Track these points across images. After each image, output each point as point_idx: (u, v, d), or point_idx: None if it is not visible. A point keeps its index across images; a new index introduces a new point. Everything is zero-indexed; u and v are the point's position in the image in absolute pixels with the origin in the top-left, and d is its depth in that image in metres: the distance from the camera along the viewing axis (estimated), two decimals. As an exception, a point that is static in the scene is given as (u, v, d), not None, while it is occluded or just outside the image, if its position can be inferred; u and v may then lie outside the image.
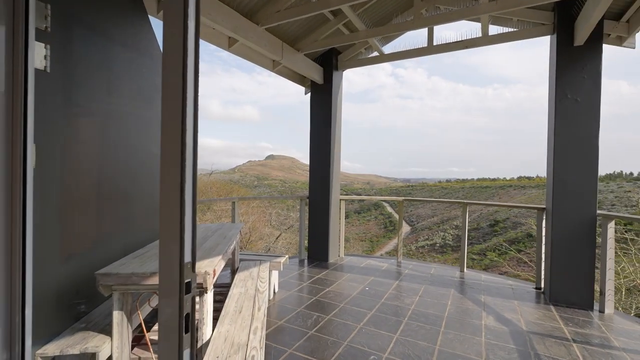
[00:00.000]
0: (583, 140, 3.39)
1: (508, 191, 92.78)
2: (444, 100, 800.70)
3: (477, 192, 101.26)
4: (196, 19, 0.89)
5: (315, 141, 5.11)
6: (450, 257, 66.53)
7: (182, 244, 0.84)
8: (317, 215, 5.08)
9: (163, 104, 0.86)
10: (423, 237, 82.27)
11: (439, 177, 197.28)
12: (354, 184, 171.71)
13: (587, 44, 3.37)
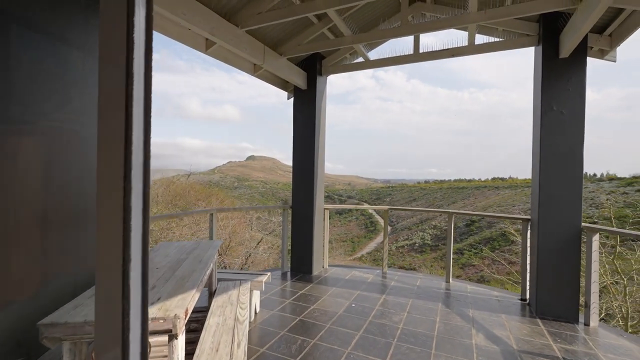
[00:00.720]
0: (568, 153, 3.39)
1: (483, 192, 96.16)
2: (422, 103, 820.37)
3: (455, 192, 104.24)
4: (147, 6, 0.66)
5: (298, 149, 4.91)
6: (429, 256, 68.05)
7: (126, 308, 0.60)
8: (300, 225, 4.88)
9: (99, 115, 0.61)
10: (403, 237, 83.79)
11: (418, 178, 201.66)
12: (335, 184, 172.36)
13: (572, 56, 3.37)
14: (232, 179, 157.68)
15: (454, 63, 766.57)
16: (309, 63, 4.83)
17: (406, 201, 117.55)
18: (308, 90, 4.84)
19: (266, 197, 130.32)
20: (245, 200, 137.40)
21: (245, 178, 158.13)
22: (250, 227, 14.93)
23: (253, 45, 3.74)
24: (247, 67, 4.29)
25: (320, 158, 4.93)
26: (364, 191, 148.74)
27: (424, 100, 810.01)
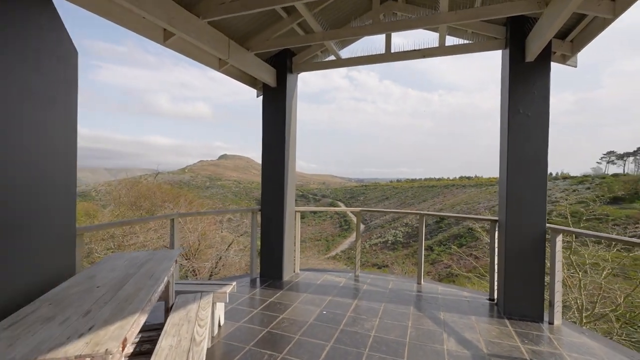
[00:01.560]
0: (533, 156, 3.45)
1: (451, 190, 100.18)
2: (394, 103, 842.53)
3: (425, 191, 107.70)
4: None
5: (267, 149, 4.69)
6: (401, 253, 69.80)
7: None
8: (270, 229, 4.67)
9: None
10: (376, 235, 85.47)
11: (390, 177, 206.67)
12: (309, 184, 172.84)
13: (538, 60, 3.44)
14: (204, 179, 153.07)
15: (424, 65, 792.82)
16: (278, 60, 4.62)
17: (379, 199, 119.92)
18: (278, 88, 4.63)
19: (239, 197, 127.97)
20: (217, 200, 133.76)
21: (217, 177, 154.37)
22: (221, 229, 14.41)
23: (216, 38, 3.48)
24: (212, 61, 4.02)
25: (290, 158, 4.74)
26: (338, 190, 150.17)
27: (396, 101, 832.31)
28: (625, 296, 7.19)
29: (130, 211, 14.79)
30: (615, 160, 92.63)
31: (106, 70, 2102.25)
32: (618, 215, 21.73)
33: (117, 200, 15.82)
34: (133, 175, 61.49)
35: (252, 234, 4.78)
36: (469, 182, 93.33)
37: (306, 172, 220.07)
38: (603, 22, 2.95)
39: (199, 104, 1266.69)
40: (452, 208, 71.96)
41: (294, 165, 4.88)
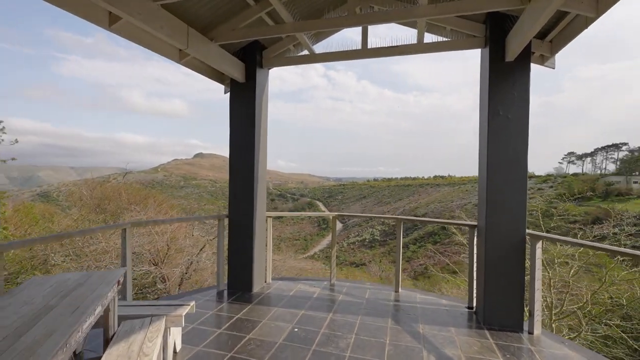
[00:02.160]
0: (513, 159, 3.32)
1: (426, 189, 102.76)
2: (371, 103, 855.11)
3: (401, 190, 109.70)
4: None
5: (235, 151, 4.32)
6: (378, 251, 70.64)
7: None
8: (238, 237, 4.30)
9: None
10: (354, 233, 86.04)
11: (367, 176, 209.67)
12: (288, 183, 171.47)
13: (518, 60, 3.30)
14: (178, 178, 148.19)
15: (399, 66, 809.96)
16: (247, 53, 4.25)
17: (357, 199, 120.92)
18: (247, 83, 4.27)
19: (216, 197, 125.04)
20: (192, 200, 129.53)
21: (192, 177, 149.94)
22: (192, 232, 13.72)
23: (172, 24, 3.07)
24: (171, 52, 3.59)
25: (261, 161, 4.39)
26: (316, 189, 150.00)
27: (373, 101, 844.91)
28: (591, 293, 7.41)
29: (93, 214, 13.75)
30: (575, 160, 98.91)
31: (72, 63, 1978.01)
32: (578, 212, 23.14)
33: (78, 202, 14.69)
34: (102, 175, 58.33)
35: (218, 243, 4.38)
36: (443, 181, 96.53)
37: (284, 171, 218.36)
38: (585, 22, 2.84)
39: (174, 100, 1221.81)
40: (427, 206, 73.96)
41: (265, 167, 4.54)
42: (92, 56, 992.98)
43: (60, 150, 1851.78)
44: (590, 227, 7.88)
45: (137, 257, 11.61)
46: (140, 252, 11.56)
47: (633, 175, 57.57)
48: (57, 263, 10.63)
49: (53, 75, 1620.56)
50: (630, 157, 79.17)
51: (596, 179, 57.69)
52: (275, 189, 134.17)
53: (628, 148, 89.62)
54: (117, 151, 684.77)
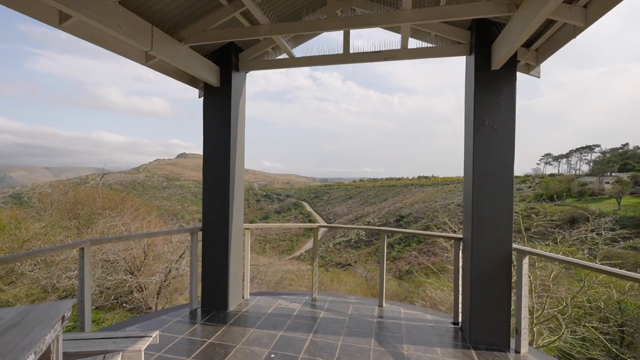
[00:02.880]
0: (499, 172, 3.20)
1: (410, 189, 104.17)
2: (357, 104, 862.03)
3: (386, 190, 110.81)
4: None
5: (210, 159, 4.04)
6: (364, 251, 70.82)
7: None
8: (212, 251, 4.02)
9: None
10: (340, 233, 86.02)
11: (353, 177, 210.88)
12: (273, 183, 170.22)
13: (504, 68, 3.19)
14: (161, 178, 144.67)
15: (384, 67, 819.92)
16: (222, 55, 3.98)
17: (343, 199, 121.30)
18: (221, 87, 3.99)
19: (199, 198, 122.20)
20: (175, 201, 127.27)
21: (175, 177, 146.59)
22: (171, 237, 13.17)
23: (133, 23, 2.78)
24: (136, 54, 3.29)
25: (238, 169, 4.13)
26: (302, 190, 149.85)
27: (358, 102, 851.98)
28: (571, 297, 7.50)
29: (66, 220, 13.00)
30: (552, 161, 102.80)
31: (46, 59, 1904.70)
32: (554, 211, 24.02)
33: (48, 207, 13.88)
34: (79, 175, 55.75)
35: (191, 258, 4.09)
36: (427, 181, 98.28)
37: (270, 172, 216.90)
38: (572, 31, 2.74)
39: (154, 98, 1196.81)
40: (411, 206, 75.02)
41: (242, 176, 4.28)
42: (68, 51, 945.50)
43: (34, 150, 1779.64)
44: (569, 231, 7.99)
45: (112, 265, 11.06)
46: (115, 259, 11.01)
47: (605, 176, 60.28)
48: (25, 272, 9.96)
49: (26, 72, 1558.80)
50: (602, 159, 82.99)
51: (571, 180, 60.08)
52: (261, 190, 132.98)
53: (600, 150, 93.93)
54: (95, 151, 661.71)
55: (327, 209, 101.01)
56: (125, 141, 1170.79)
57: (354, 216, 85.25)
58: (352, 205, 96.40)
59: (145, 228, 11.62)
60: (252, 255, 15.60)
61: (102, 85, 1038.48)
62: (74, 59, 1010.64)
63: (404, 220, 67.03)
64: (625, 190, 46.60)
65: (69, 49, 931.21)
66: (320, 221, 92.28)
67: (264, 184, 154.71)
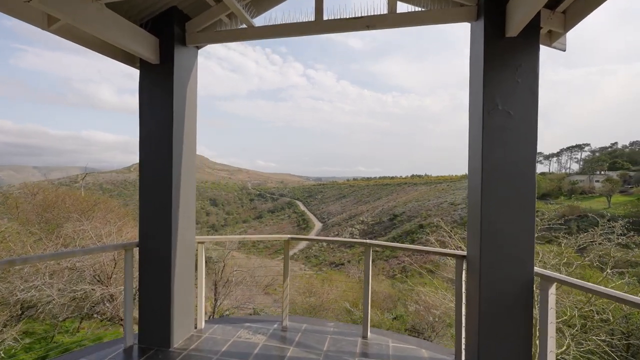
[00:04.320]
0: (518, 170, 2.43)
1: (404, 188, 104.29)
2: (351, 103, 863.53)
3: (380, 189, 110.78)
4: None
5: (147, 155, 3.19)
6: (357, 251, 70.27)
7: None
8: (152, 272, 3.18)
9: None
10: (333, 233, 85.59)
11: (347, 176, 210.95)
12: (267, 182, 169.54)
13: (522, 36, 2.41)
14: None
15: (378, 66, 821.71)
16: (162, 24, 3.13)
17: (336, 198, 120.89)
18: (162, 65, 3.14)
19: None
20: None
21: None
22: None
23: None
24: (34, 15, 2.43)
25: (185, 167, 3.29)
26: (296, 189, 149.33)
27: (353, 101, 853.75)
28: (578, 309, 6.81)
29: (36, 227, 11.90)
30: (543, 160, 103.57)
31: (34, 56, 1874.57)
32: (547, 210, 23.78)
33: (13, 210, 12.80)
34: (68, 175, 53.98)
35: (125, 282, 3.22)
36: (420, 180, 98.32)
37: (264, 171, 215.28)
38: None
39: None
40: (404, 205, 74.73)
41: (192, 176, 3.44)
42: (55, 48, 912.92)
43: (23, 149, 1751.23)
44: (576, 236, 7.32)
45: (79, 275, 10.14)
46: (81, 267, 10.08)
47: (595, 175, 60.68)
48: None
49: (12, 69, 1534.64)
50: (592, 158, 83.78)
51: (562, 178, 60.29)
52: (255, 189, 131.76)
53: (590, 149, 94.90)
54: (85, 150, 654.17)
55: (320, 208, 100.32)
56: (117, 140, 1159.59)
57: (347, 215, 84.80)
58: (346, 204, 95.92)
59: (115, 233, 10.66)
60: (242, 256, 14.60)
61: (92, 82, 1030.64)
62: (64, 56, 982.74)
63: (398, 219, 66.65)
64: (615, 189, 46.92)
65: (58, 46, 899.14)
66: (313, 220, 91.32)
67: (257, 183, 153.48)
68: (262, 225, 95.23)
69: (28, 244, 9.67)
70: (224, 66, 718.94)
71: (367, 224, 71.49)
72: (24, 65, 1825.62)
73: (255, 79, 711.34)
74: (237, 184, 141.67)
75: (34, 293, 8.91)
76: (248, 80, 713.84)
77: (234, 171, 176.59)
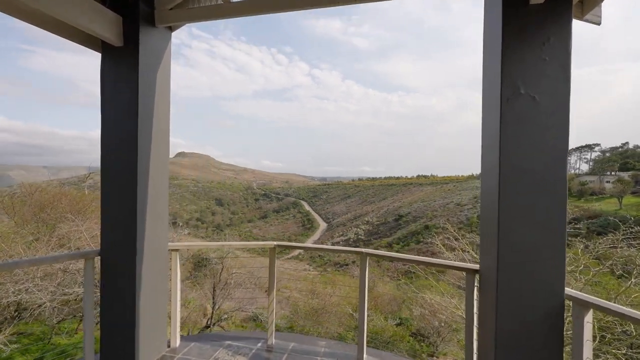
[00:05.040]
0: (546, 169, 1.97)
1: (409, 188, 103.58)
2: (356, 103, 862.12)
3: (385, 189, 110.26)
4: None
5: (109, 151, 2.79)
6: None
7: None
8: (115, 284, 2.78)
9: None
10: (338, 233, 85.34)
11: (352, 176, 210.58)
12: (272, 182, 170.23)
13: (550, 3, 1.95)
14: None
15: (383, 65, 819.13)
16: (127, 1, 2.73)
17: (341, 198, 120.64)
18: (126, 48, 2.74)
19: (198, 197, 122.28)
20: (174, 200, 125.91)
21: (174, 177, 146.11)
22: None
23: None
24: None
25: (155, 167, 2.88)
26: (301, 189, 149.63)
27: (357, 101, 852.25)
28: (597, 320, 6.27)
29: (25, 225, 11.71)
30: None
31: (41, 57, 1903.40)
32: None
33: (10, 209, 12.60)
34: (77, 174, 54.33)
35: (85, 295, 2.82)
36: (426, 180, 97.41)
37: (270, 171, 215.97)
38: None
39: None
40: (410, 205, 74.01)
41: (164, 179, 3.03)
42: (63, 49, 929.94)
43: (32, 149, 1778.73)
44: (595, 241, 6.77)
45: (71, 277, 9.85)
46: (75, 269, 9.80)
47: (605, 175, 59.24)
48: None
49: (20, 69, 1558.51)
50: (602, 158, 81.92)
51: (571, 179, 58.95)
52: (260, 189, 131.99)
53: (600, 149, 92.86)
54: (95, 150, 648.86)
55: (325, 208, 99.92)
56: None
57: (352, 215, 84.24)
58: (351, 204, 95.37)
59: (83, 240, 10.35)
60: (245, 255, 14.25)
61: (96, 83, 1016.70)
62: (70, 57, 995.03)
63: (403, 220, 65.90)
64: (626, 190, 45.64)
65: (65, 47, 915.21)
66: (318, 220, 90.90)
67: (262, 183, 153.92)
68: (267, 225, 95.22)
69: (20, 245, 9.41)
70: (230, 66, 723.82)
71: (372, 224, 70.88)
72: (32, 66, 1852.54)
73: (260, 79, 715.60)
74: (243, 184, 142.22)
75: (24, 296, 8.65)
76: (254, 80, 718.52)
77: (239, 171, 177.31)
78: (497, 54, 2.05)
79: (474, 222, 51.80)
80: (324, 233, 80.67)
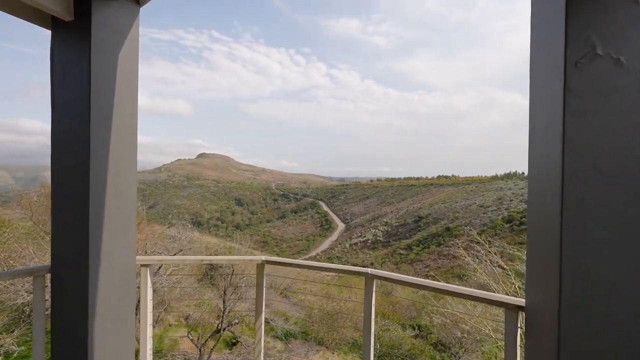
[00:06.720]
0: (629, 156, 1.30)
1: (430, 189, 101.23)
2: (375, 102, 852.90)
3: (405, 190, 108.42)
4: None
5: (59, 147, 2.34)
6: (380, 252, 68.78)
7: None
8: (66, 306, 2.32)
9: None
10: (356, 234, 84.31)
11: (371, 176, 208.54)
12: (290, 183, 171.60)
13: None
14: (181, 178, 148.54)
15: (404, 64, 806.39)
16: (79, -34, 2.26)
17: (360, 199, 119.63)
18: (77, 23, 2.27)
19: (219, 197, 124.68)
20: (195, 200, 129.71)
21: (195, 177, 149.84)
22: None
23: None
24: None
25: (116, 169, 2.40)
26: (319, 189, 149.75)
27: (377, 100, 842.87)
28: None
29: (41, 224, 11.84)
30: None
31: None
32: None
33: (26, 208, 12.85)
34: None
35: (34, 320, 2.37)
36: (447, 181, 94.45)
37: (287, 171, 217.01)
38: None
39: (175, 100, 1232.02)
40: (430, 207, 71.90)
41: (133, 182, 2.54)
42: None
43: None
44: None
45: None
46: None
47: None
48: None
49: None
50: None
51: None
52: (278, 189, 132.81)
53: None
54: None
55: (343, 209, 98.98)
56: (149, 141, 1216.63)
57: (371, 216, 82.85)
58: (370, 205, 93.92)
59: None
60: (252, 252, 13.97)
61: None
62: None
63: (423, 221, 63.96)
64: None
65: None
66: (336, 220, 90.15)
67: (281, 183, 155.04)
68: (285, 225, 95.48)
69: (31, 246, 9.42)
70: (249, 68, 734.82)
71: (391, 226, 69.32)
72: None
73: (278, 80, 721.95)
74: (262, 184, 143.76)
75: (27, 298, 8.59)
76: (272, 82, 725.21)
77: (258, 171, 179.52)
78: (560, 6, 1.39)
79: (498, 224, 49.46)
80: (342, 234, 79.81)
